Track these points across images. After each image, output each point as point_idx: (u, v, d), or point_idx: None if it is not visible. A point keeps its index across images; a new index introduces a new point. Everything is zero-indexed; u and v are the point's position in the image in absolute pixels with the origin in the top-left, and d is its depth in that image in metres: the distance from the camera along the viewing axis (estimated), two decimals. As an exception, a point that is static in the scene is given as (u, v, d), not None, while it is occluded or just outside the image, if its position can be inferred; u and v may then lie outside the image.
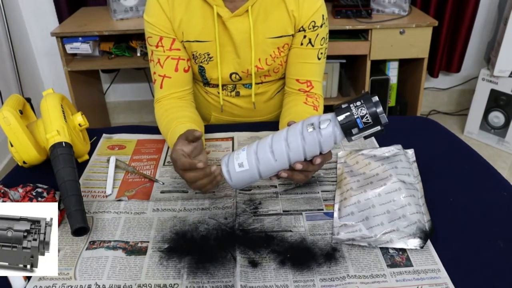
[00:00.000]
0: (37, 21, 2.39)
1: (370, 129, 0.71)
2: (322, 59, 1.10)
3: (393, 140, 0.94)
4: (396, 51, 2.06)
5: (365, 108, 0.70)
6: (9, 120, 0.86)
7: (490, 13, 2.50)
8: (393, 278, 0.68)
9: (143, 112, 2.75)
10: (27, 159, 0.91)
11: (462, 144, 1.05)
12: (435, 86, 2.74)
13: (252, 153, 0.77)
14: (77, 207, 0.76)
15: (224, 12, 1.01)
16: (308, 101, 1.08)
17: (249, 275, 0.69)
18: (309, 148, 0.75)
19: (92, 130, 1.11)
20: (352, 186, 0.83)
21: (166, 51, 1.06)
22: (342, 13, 2.05)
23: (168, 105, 1.06)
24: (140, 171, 0.96)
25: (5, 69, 2.18)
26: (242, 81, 1.14)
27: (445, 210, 0.82)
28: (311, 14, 1.03)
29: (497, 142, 2.39)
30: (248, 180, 0.78)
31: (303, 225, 0.80)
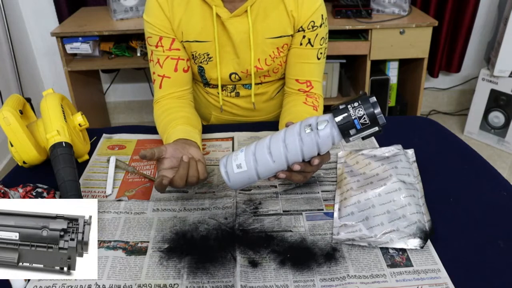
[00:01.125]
0: (37, 21, 2.39)
1: (368, 130, 0.71)
2: (321, 59, 1.10)
3: (393, 140, 0.94)
4: (396, 51, 2.06)
5: (362, 109, 0.70)
6: (9, 120, 0.86)
7: (490, 13, 2.50)
8: (393, 278, 0.68)
9: (143, 112, 2.75)
10: (27, 159, 0.91)
11: (462, 144, 1.05)
12: (435, 86, 2.74)
13: (250, 154, 0.77)
14: (77, 207, 0.75)
15: (223, 12, 1.01)
16: (308, 101, 1.08)
17: (249, 275, 0.69)
18: (307, 149, 0.75)
19: (92, 130, 1.11)
20: (352, 186, 0.83)
21: (165, 51, 1.06)
22: (342, 13, 2.05)
23: (166, 106, 1.06)
24: (140, 171, 0.96)
25: (5, 69, 2.18)
26: (241, 81, 1.14)
27: (445, 210, 0.82)
28: (310, 14, 1.03)
29: (497, 142, 2.39)
30: (247, 181, 0.78)
31: (303, 225, 0.80)
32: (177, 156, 0.84)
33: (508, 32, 2.11)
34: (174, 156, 0.84)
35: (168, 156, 0.84)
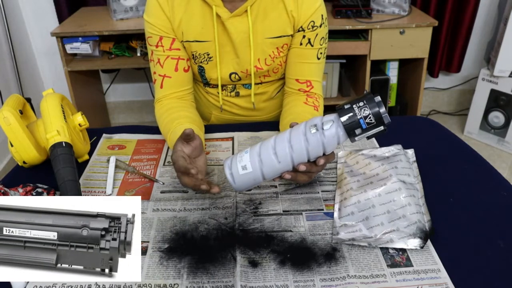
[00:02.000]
0: (37, 21, 2.39)
1: (373, 129, 0.72)
2: (321, 59, 1.10)
3: (393, 140, 0.94)
4: (396, 51, 2.06)
5: (368, 109, 0.70)
6: (9, 120, 0.86)
7: (490, 13, 2.50)
8: (393, 278, 0.68)
9: (143, 112, 2.75)
10: (27, 159, 0.91)
11: (462, 144, 1.05)
12: (435, 86, 2.74)
13: (255, 155, 0.77)
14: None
15: (223, 12, 1.01)
16: (308, 101, 1.08)
17: (249, 275, 0.69)
18: (312, 149, 0.75)
19: (92, 130, 1.11)
20: (352, 186, 0.83)
21: (166, 51, 1.06)
22: (342, 13, 2.05)
23: (168, 105, 1.06)
24: (140, 171, 0.96)
25: (5, 69, 2.18)
26: (241, 81, 1.14)
27: (445, 210, 0.82)
28: (310, 14, 1.03)
29: (497, 142, 2.39)
30: (252, 183, 0.78)
31: (303, 225, 0.80)
32: (199, 147, 0.88)
33: (508, 32, 2.11)
34: (196, 148, 0.87)
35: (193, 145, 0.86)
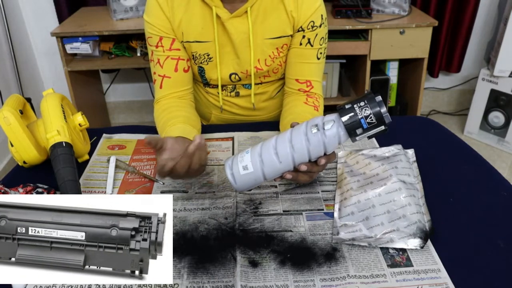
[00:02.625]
0: (37, 21, 2.39)
1: (374, 129, 0.72)
2: (321, 59, 1.10)
3: (393, 140, 0.94)
4: (396, 51, 2.06)
5: (369, 108, 0.70)
6: (9, 120, 0.86)
7: (490, 13, 2.50)
8: (393, 278, 0.68)
9: (143, 112, 2.75)
10: (27, 159, 0.91)
11: (462, 144, 1.05)
12: (435, 86, 2.74)
13: (256, 156, 0.77)
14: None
15: (223, 13, 1.01)
16: (308, 101, 1.08)
17: (249, 275, 0.69)
18: (313, 149, 0.75)
19: (92, 130, 1.11)
20: (352, 186, 0.83)
21: (165, 51, 1.06)
22: (342, 13, 2.05)
23: (166, 105, 1.06)
24: (140, 171, 0.96)
25: (5, 69, 2.18)
26: (241, 81, 1.14)
27: (445, 210, 0.82)
28: (310, 14, 1.03)
29: (497, 142, 2.39)
30: (253, 183, 0.78)
31: (303, 225, 0.80)
32: (177, 148, 0.83)
33: (508, 32, 2.11)
34: (174, 148, 0.83)
35: (168, 147, 0.82)
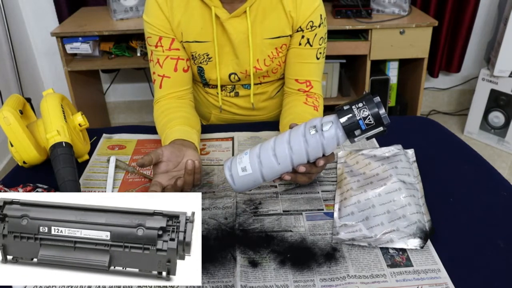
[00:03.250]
0: (37, 21, 2.39)
1: (373, 130, 0.72)
2: (321, 59, 1.10)
3: (393, 140, 0.94)
4: (396, 51, 2.06)
5: (367, 109, 0.70)
6: (9, 120, 0.86)
7: (490, 13, 2.50)
8: (393, 278, 0.68)
9: (143, 112, 2.75)
10: (27, 159, 0.91)
11: (462, 144, 1.05)
12: (435, 86, 2.74)
13: (255, 157, 0.77)
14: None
15: (222, 13, 1.01)
16: (308, 101, 1.08)
17: (249, 275, 0.69)
18: (312, 150, 0.75)
19: (92, 130, 1.11)
20: (352, 186, 0.83)
21: (165, 51, 1.06)
22: (342, 13, 2.05)
23: (166, 106, 1.06)
24: (140, 171, 0.96)
25: (5, 69, 2.18)
26: (241, 81, 1.14)
27: (445, 210, 0.82)
28: (309, 14, 1.03)
29: (497, 142, 2.39)
30: (252, 184, 0.78)
31: (303, 225, 0.80)
32: (173, 160, 0.85)
33: (508, 32, 2.11)
34: (170, 160, 0.85)
35: (164, 159, 0.85)
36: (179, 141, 0.90)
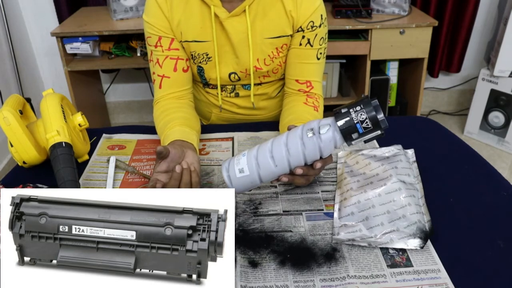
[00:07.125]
0: (37, 21, 2.39)
1: (370, 133, 0.72)
2: (321, 59, 1.10)
3: (393, 140, 0.94)
4: (396, 51, 2.06)
5: (364, 113, 0.70)
6: (9, 120, 0.86)
7: (490, 13, 2.50)
8: (393, 278, 0.68)
9: (143, 112, 2.75)
10: (27, 159, 0.91)
11: (462, 144, 1.05)
12: (435, 86, 2.74)
13: (253, 159, 0.77)
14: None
15: (222, 12, 1.01)
16: (308, 102, 1.07)
17: (249, 275, 0.69)
18: (309, 153, 0.75)
19: (92, 130, 1.11)
20: (352, 186, 0.83)
21: (165, 51, 1.06)
22: (342, 13, 2.05)
23: (165, 106, 1.06)
24: (140, 171, 0.96)
25: (5, 69, 2.18)
26: (241, 81, 1.14)
27: (445, 210, 0.82)
28: (309, 14, 1.03)
29: (497, 142, 2.39)
30: (249, 186, 0.78)
31: (303, 225, 0.80)
32: (176, 160, 0.85)
33: (508, 32, 2.11)
34: (172, 160, 0.85)
35: (168, 158, 0.84)
36: (178, 142, 0.90)
